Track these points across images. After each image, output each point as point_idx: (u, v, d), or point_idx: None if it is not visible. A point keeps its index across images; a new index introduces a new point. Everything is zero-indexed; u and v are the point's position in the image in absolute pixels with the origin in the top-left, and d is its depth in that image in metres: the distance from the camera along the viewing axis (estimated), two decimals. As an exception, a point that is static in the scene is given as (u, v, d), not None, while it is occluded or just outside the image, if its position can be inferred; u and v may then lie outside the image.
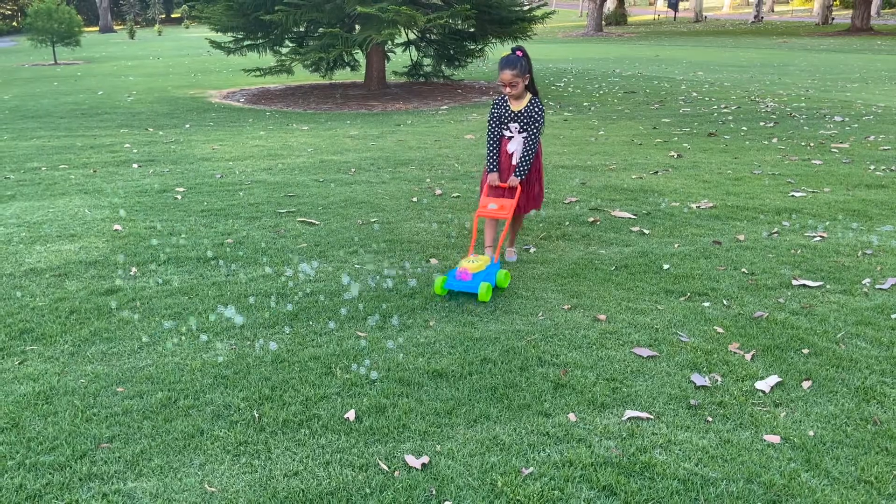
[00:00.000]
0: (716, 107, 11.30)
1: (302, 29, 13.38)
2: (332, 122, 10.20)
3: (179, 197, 5.87)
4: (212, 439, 2.55)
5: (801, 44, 28.96)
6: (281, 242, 4.68)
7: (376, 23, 11.54)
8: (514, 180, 3.99)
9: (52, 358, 3.15)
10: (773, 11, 57.02)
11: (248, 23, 12.74)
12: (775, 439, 2.53)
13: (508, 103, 3.98)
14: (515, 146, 4.04)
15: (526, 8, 14.21)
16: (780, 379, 2.93)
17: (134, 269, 4.18)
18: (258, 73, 13.08)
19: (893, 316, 3.52)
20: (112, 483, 2.31)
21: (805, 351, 3.17)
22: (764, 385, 2.88)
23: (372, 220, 5.17)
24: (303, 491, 2.27)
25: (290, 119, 10.59)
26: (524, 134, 4.00)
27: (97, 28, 49.86)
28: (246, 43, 13.40)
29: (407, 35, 13.70)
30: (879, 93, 12.91)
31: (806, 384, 2.90)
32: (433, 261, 4.32)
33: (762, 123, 9.62)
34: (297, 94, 13.85)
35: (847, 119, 9.80)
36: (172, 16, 64.32)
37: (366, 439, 2.55)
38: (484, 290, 3.59)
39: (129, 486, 2.30)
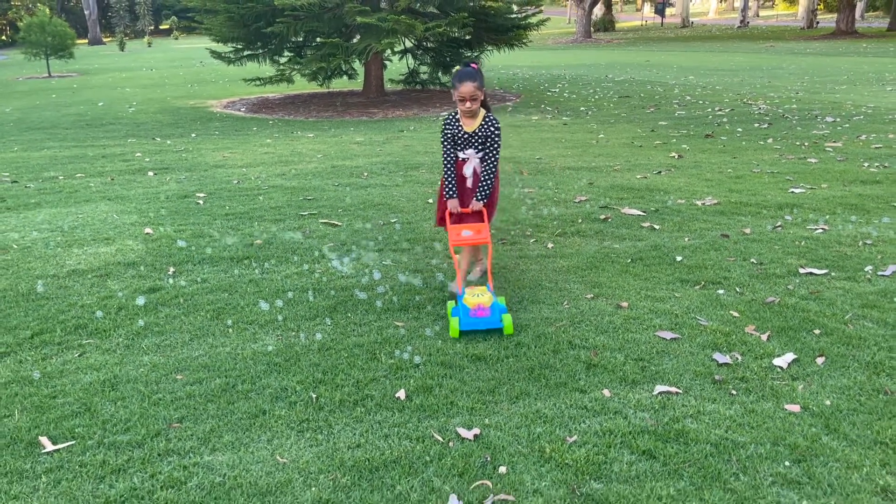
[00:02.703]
0: (710, 109, 11.58)
1: (301, 39, 13.59)
2: (336, 130, 10.40)
3: (201, 202, 6.05)
4: (274, 418, 2.74)
5: (787, 47, 29.45)
6: (308, 242, 4.87)
7: (376, 32, 11.77)
8: (476, 205, 3.73)
9: (110, 350, 3.33)
10: (758, 16, 57.81)
11: (248, 33, 12.94)
12: (795, 408, 2.75)
13: (460, 123, 3.67)
14: (471, 169, 3.75)
15: (521, 15, 14.46)
16: (795, 356, 3.15)
17: (172, 269, 4.36)
18: (258, 82, 13.27)
19: (895, 299, 3.75)
20: (189, 457, 2.50)
21: (816, 331, 3.39)
22: (781, 361, 3.10)
23: (392, 221, 5.37)
24: (367, 460, 2.46)
25: (293, 127, 10.78)
26: (482, 154, 3.72)
27: (86, 40, 49.89)
28: (246, 53, 13.60)
29: (404, 43, 13.93)
30: (868, 94, 13.24)
31: (820, 360, 3.12)
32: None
33: (756, 125, 9.89)
34: (297, 102, 14.05)
35: (838, 119, 10.09)
36: (161, 27, 64.40)
37: (418, 415, 2.75)
38: (509, 322, 3.37)
39: (205, 459, 2.49)
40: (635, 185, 6.44)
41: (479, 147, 3.71)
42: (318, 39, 12.96)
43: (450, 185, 3.76)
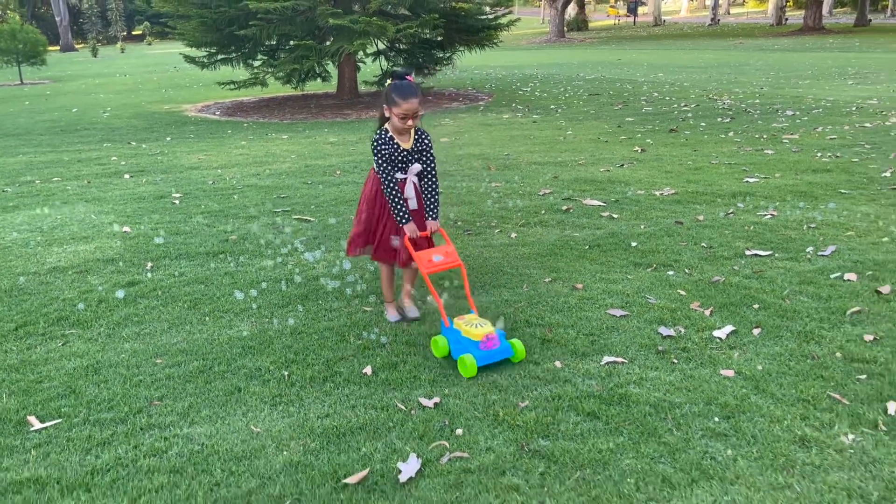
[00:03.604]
0: (676, 105, 11.91)
1: (274, 42, 13.73)
2: (310, 131, 10.57)
3: (177, 202, 6.21)
4: (249, 394, 2.94)
5: (756, 44, 30.03)
6: (281, 237, 5.07)
7: (348, 34, 11.96)
8: (434, 224, 3.51)
9: (92, 339, 3.50)
10: (729, 14, 58.63)
11: (221, 38, 13.05)
12: (730, 373, 3.00)
13: (395, 141, 3.36)
14: (412, 190, 3.47)
15: (492, 16, 14.71)
16: (734, 328, 3.41)
17: (150, 264, 4.53)
18: (233, 86, 13.39)
19: (832, 276, 4.03)
20: (170, 430, 2.69)
21: (756, 306, 3.66)
22: (720, 333, 3.35)
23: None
24: (335, 427, 2.67)
25: (268, 129, 10.93)
26: (422, 170, 3.47)
27: (58, 47, 49.42)
28: (219, 57, 13.71)
29: (376, 45, 14.13)
30: (829, 88, 13.66)
31: (756, 331, 3.38)
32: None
33: (719, 119, 10.22)
34: (272, 105, 14.19)
35: (798, 113, 10.45)
36: (134, 33, 63.94)
37: (383, 388, 2.96)
38: (520, 347, 3.12)
39: (185, 431, 2.68)
40: (598, 177, 6.70)
41: (423, 161, 3.46)
42: (292, 42, 13.13)
43: (402, 209, 3.40)
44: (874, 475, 2.33)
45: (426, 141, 3.48)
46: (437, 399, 2.86)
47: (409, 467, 2.41)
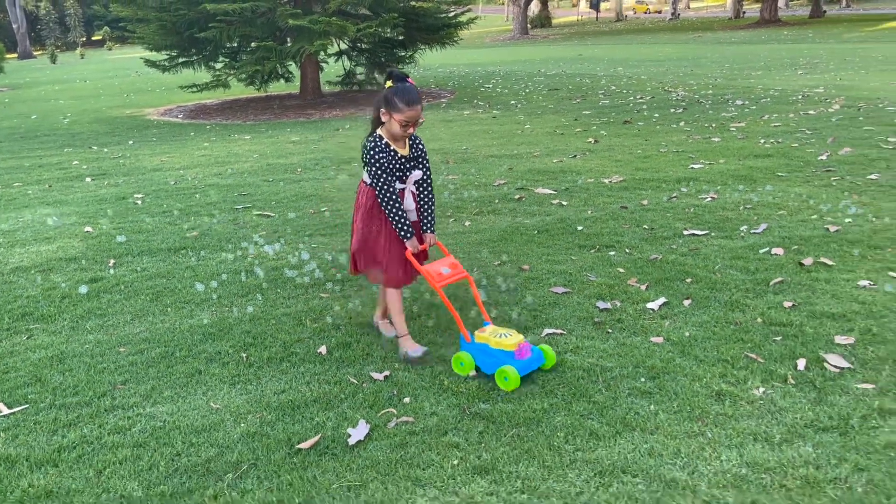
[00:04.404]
0: (632, 98, 12.23)
1: (235, 44, 13.78)
2: (273, 131, 10.68)
3: (139, 202, 6.31)
4: (209, 376, 3.10)
5: (714, 37, 30.68)
6: (242, 232, 5.21)
7: (308, 34, 12.07)
8: (431, 238, 3.28)
9: (56, 332, 3.63)
10: (689, 8, 59.65)
11: (181, 40, 13.08)
12: (659, 340, 3.24)
13: (392, 148, 3.09)
14: (411, 201, 3.20)
15: (451, 14, 14.92)
16: (666, 300, 3.65)
17: (112, 261, 4.65)
18: (195, 88, 13.42)
19: (761, 251, 4.30)
20: (133, 410, 2.84)
21: (688, 280, 3.91)
22: (653, 305, 3.60)
23: (322, 210, 5.74)
24: (291, 401, 2.85)
25: (230, 131, 11.01)
26: (422, 177, 3.21)
27: (16, 54, 48.53)
28: (181, 60, 13.73)
29: (338, 45, 14.25)
30: (779, 78, 14.11)
31: (686, 302, 3.63)
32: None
33: (672, 110, 10.54)
34: (235, 107, 14.23)
35: (747, 102, 10.82)
36: (93, 38, 62.98)
37: (337, 365, 3.14)
38: (552, 353, 3.01)
39: (147, 410, 2.84)
40: (551, 168, 6.94)
41: (422, 167, 3.20)
42: (253, 44, 13.20)
43: (405, 223, 3.11)
44: (779, 421, 2.57)
45: (421, 146, 3.19)
46: (387, 373, 3.05)
47: (358, 432, 2.60)
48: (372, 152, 3.08)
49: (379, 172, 3.06)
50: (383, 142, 3.09)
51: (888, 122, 8.29)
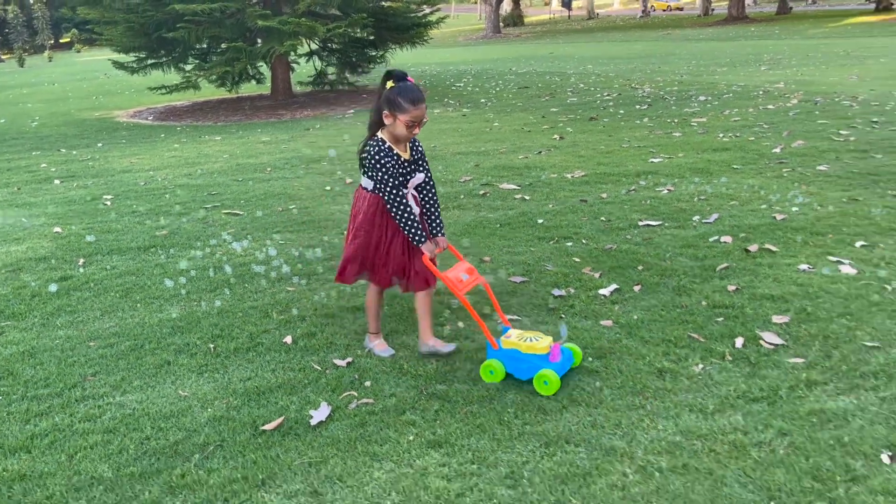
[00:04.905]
0: (599, 95, 12.46)
1: (205, 45, 13.79)
2: (243, 132, 10.74)
3: (109, 203, 6.37)
4: (178, 366, 3.21)
5: (683, 35, 31.17)
6: (211, 230, 5.31)
7: (277, 35, 12.14)
8: (444, 241, 3.17)
9: (27, 329, 3.71)
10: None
11: (149, 42, 13.07)
12: (608, 323, 3.41)
13: (395, 151, 2.99)
14: (413, 204, 3.09)
15: (421, 14, 15.05)
16: (617, 286, 3.83)
17: (82, 260, 4.73)
18: (164, 90, 13.41)
19: (711, 239, 4.51)
20: (103, 399, 2.95)
21: (640, 268, 4.10)
22: (605, 291, 3.77)
23: (290, 207, 5.86)
24: (256, 387, 2.98)
25: (201, 132, 11.05)
26: (425, 180, 3.13)
27: (-18, 58, 47.71)
28: (149, 62, 13.71)
29: (309, 46, 14.32)
30: (743, 74, 14.45)
31: (637, 288, 3.81)
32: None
33: (637, 106, 10.79)
34: (206, 108, 14.24)
35: (710, 98, 11.10)
36: (62, 41, 62.10)
37: (302, 353, 3.28)
38: (579, 352, 3.01)
39: (117, 399, 2.95)
40: (516, 164, 7.12)
41: (425, 169, 3.13)
42: (223, 45, 13.22)
43: (417, 228, 2.99)
44: (714, 394, 2.76)
45: (420, 148, 3.12)
46: (350, 359, 3.19)
47: (319, 413, 2.74)
48: (377, 157, 2.93)
49: (386, 178, 2.92)
50: (386, 145, 2.96)
51: (842, 116, 8.59)
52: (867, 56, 16.30)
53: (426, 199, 3.16)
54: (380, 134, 2.98)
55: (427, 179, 3.14)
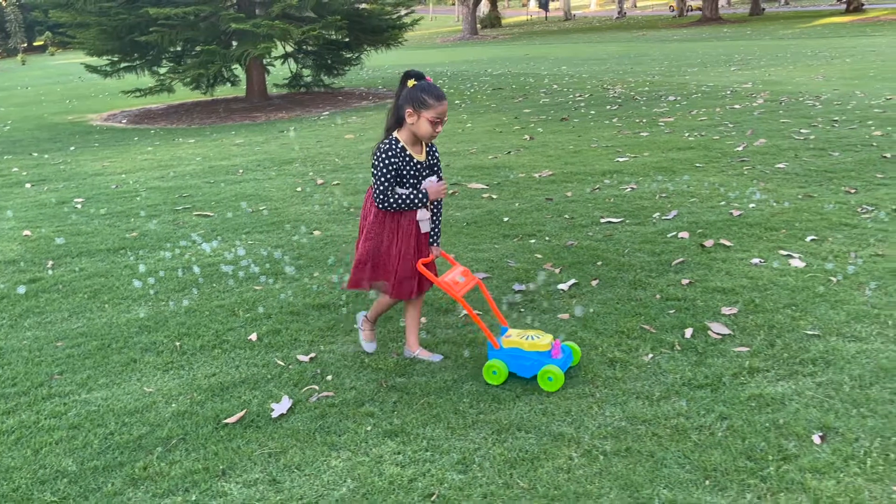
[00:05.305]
0: (571, 96, 12.62)
1: (179, 48, 13.77)
2: (218, 134, 10.75)
3: (79, 206, 6.39)
4: (144, 364, 3.28)
5: (658, 36, 31.52)
6: (181, 231, 5.36)
7: (252, 37, 12.17)
8: (437, 250, 3.18)
9: (-6, 330, 3.75)
10: (635, 7, 60.92)
11: (122, 45, 13.02)
12: (565, 316, 3.53)
13: (408, 152, 2.92)
14: (424, 210, 3.02)
15: (395, 16, 15.14)
16: (576, 281, 3.95)
17: (51, 262, 4.76)
18: (138, 93, 13.37)
19: (669, 235, 4.64)
20: (69, 397, 3.01)
21: (599, 263, 4.22)
22: (564, 286, 3.89)
23: (261, 208, 5.92)
24: (220, 383, 3.05)
25: (175, 135, 11.05)
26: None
27: (-47, 61, 47.01)
28: (123, 65, 13.65)
29: (284, 48, 14.35)
30: (713, 74, 14.69)
31: (594, 282, 3.93)
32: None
33: (608, 107, 10.95)
34: (180, 111, 14.21)
35: (679, 98, 11.30)
36: (35, 44, 61.31)
37: (266, 350, 3.36)
38: (578, 349, 3.04)
39: (83, 397, 3.01)
40: (486, 164, 7.23)
41: (437, 173, 3.08)
42: (198, 48, 13.22)
43: (410, 196, 2.94)
44: (660, 382, 2.88)
45: (436, 153, 3.06)
46: (313, 354, 3.28)
47: (281, 406, 2.82)
48: (383, 156, 2.88)
49: (381, 178, 2.87)
50: (399, 145, 2.91)
51: (804, 115, 8.80)
52: (834, 56, 16.64)
53: (434, 205, 3.10)
54: (395, 134, 2.95)
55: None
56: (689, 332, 3.28)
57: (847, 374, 2.85)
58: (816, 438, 2.45)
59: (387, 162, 2.88)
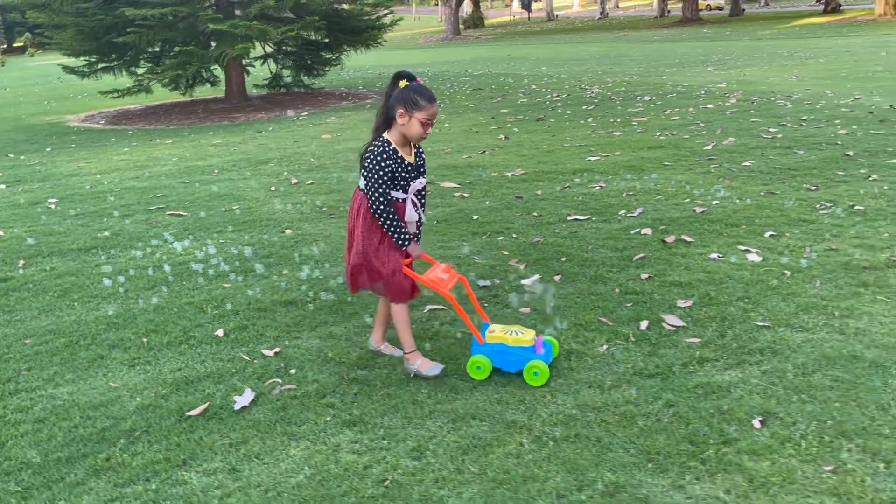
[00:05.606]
0: (549, 96, 12.74)
1: (157, 49, 13.75)
2: (195, 135, 10.77)
3: (53, 206, 6.41)
4: (111, 360, 3.33)
5: (639, 36, 31.80)
6: (153, 231, 5.40)
7: (230, 38, 12.18)
8: (417, 249, 3.08)
9: (-37, 328, 3.79)
10: (618, 7, 61.33)
11: (100, 46, 12.98)
12: (526, 310, 3.62)
13: (399, 154, 2.92)
14: (412, 211, 3.03)
15: (374, 17, 15.19)
16: (539, 276, 4.05)
17: (22, 262, 4.79)
18: (116, 94, 13.33)
19: (632, 232, 4.75)
20: (35, 392, 3.06)
21: (563, 259, 4.32)
22: (527, 281, 3.98)
23: (234, 208, 5.97)
24: (185, 377, 3.12)
25: (153, 135, 11.05)
26: (422, 187, 3.09)
27: (-70, 62, 46.37)
28: (100, 66, 13.61)
29: (264, 48, 14.36)
30: (690, 74, 14.88)
31: (557, 277, 4.03)
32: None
33: (584, 107, 11.08)
34: (159, 112, 14.18)
35: (654, 98, 11.45)
36: (15, 45, 60.69)
37: (232, 345, 3.42)
38: (556, 343, 3.14)
39: (49, 392, 3.06)
40: (460, 163, 7.32)
41: (422, 175, 3.08)
42: (176, 48, 13.21)
43: (403, 230, 2.97)
44: (613, 371, 2.98)
45: (423, 154, 3.07)
46: (278, 349, 3.34)
47: (243, 399, 2.89)
48: (380, 157, 2.86)
49: (379, 180, 2.86)
50: (391, 147, 2.89)
51: (774, 115, 8.97)
52: (809, 56, 16.90)
53: (420, 205, 3.10)
54: (386, 135, 2.93)
55: (423, 188, 3.09)
56: (644, 324, 3.38)
57: (791, 363, 2.96)
58: (756, 423, 2.55)
59: (383, 165, 2.86)
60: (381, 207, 2.89)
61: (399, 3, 17.72)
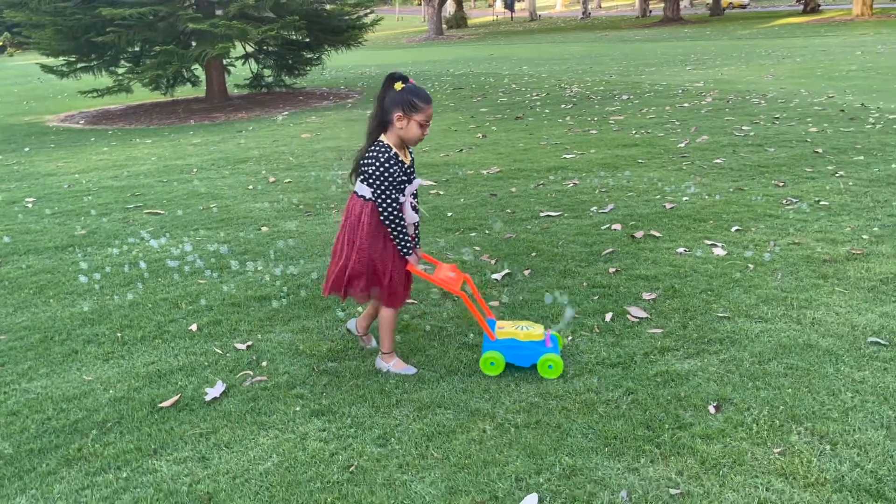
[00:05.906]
0: (528, 95, 12.85)
1: (137, 48, 13.70)
2: (175, 135, 10.76)
3: (30, 205, 6.41)
4: (85, 355, 3.37)
5: (620, 36, 32.01)
6: (130, 229, 5.43)
7: (210, 38, 12.18)
8: (416, 259, 3.07)
9: (-63, 326, 3.81)
10: (600, 7, 61.67)
11: (79, 45, 12.92)
12: (496, 303, 3.70)
13: (399, 157, 2.88)
14: (411, 212, 3.01)
15: (354, 17, 15.23)
16: (509, 271, 4.13)
17: (-2, 261, 4.81)
18: (95, 94, 13.27)
19: (603, 227, 4.85)
20: (9, 387, 3.10)
21: (533, 254, 4.41)
22: (497, 276, 4.07)
23: (211, 206, 6.01)
24: (158, 370, 3.17)
25: (132, 135, 11.03)
26: (416, 188, 3.06)
27: None
28: (79, 66, 13.54)
29: (245, 48, 14.36)
30: (668, 73, 15.05)
31: (526, 272, 4.12)
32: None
33: (563, 106, 11.20)
34: (139, 112, 14.14)
35: (632, 97, 11.59)
36: (-6, 44, 59.97)
37: (206, 339, 3.47)
38: (561, 337, 3.21)
39: (23, 386, 3.10)
40: (437, 162, 7.39)
41: (414, 178, 3.04)
42: (156, 48, 13.17)
43: (407, 238, 2.95)
44: (576, 361, 3.06)
45: (412, 155, 3.07)
46: (250, 343, 3.40)
47: (214, 390, 2.94)
48: (386, 165, 2.80)
49: (389, 188, 2.81)
50: (393, 152, 2.84)
51: (748, 113, 9.13)
52: (786, 56, 17.14)
53: (416, 207, 3.09)
54: (384, 139, 2.87)
55: (416, 189, 3.07)
56: (609, 315, 3.47)
57: (748, 352, 3.06)
58: (711, 409, 2.65)
59: (392, 171, 2.81)
60: (393, 215, 2.86)
61: (382, 3, 17.75)
